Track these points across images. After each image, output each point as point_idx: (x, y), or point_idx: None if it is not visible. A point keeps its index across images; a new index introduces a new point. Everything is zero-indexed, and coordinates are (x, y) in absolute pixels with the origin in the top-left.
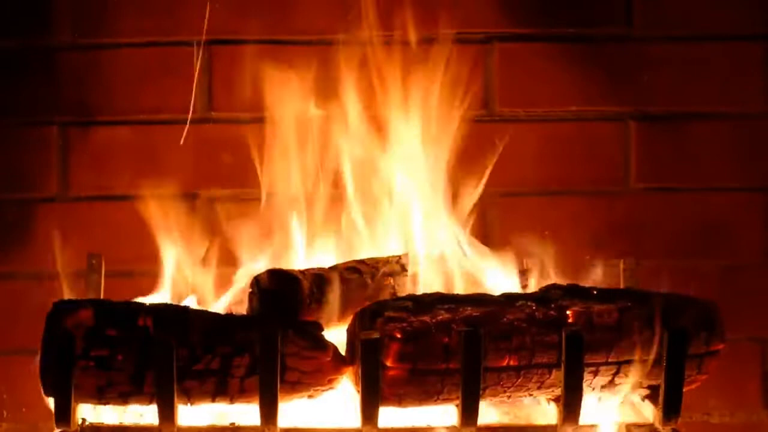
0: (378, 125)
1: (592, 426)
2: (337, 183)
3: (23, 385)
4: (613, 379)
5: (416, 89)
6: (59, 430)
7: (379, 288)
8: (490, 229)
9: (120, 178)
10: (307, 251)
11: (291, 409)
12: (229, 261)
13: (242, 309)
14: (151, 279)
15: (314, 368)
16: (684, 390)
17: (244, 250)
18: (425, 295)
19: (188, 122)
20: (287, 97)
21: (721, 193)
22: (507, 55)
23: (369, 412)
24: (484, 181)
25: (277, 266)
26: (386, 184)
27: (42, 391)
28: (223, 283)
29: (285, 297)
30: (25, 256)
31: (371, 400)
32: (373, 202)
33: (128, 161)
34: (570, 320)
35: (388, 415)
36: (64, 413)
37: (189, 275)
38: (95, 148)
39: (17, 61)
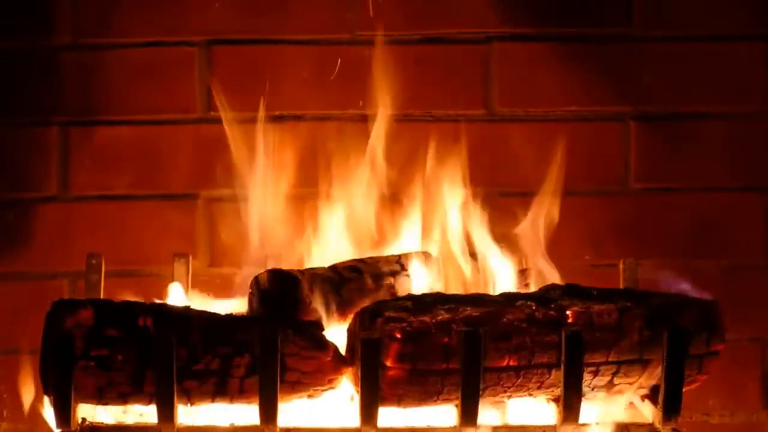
0: (378, 125)
1: (592, 426)
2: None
3: (23, 385)
4: (612, 378)
5: (416, 89)
6: (59, 430)
7: (379, 288)
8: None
9: (120, 178)
10: (312, 251)
11: (291, 409)
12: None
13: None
14: (151, 279)
15: (314, 368)
16: (684, 390)
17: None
18: (425, 295)
19: (189, 122)
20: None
21: (721, 193)
22: (507, 55)
23: (369, 412)
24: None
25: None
26: (386, 184)
27: (41, 391)
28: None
29: (285, 297)
30: (25, 256)
31: (371, 400)
32: (374, 202)
33: (128, 161)
34: (570, 320)
35: (388, 415)
36: (64, 413)
37: None
38: (96, 148)
39: (18, 62)
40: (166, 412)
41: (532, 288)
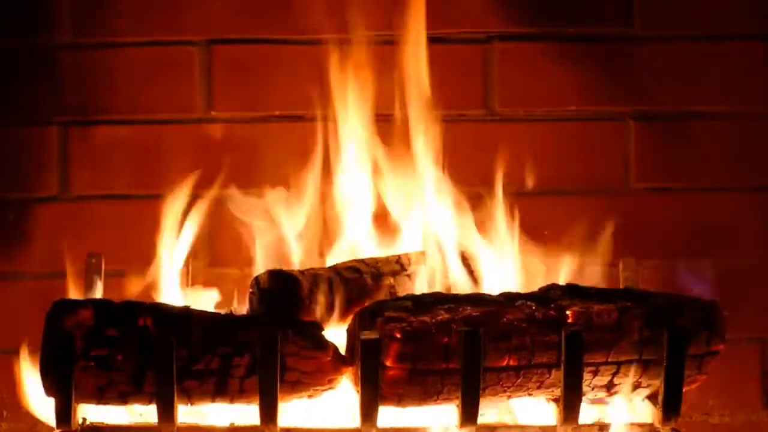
0: (378, 126)
1: (592, 426)
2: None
3: (23, 385)
4: (612, 378)
5: (417, 89)
6: (59, 430)
7: (379, 288)
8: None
9: (120, 178)
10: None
11: (291, 408)
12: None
13: (242, 309)
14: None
15: (314, 368)
16: (684, 390)
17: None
18: (425, 295)
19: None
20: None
21: (721, 193)
22: (507, 55)
23: (369, 412)
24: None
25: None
26: (386, 185)
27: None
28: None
29: (285, 297)
30: (25, 256)
31: (371, 400)
32: (374, 203)
33: (128, 161)
34: (570, 320)
35: (388, 415)
36: (64, 413)
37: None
38: (95, 148)
39: (17, 61)
40: (166, 412)
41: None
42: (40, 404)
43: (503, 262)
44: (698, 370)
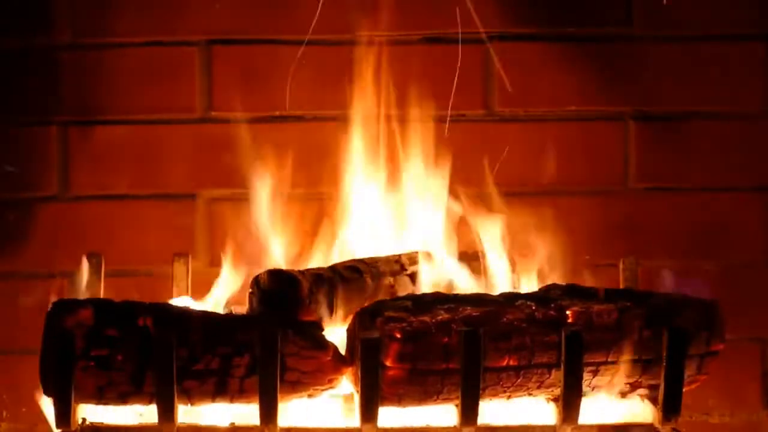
0: (377, 125)
1: (592, 426)
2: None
3: (23, 385)
4: (612, 379)
5: (416, 89)
6: (59, 430)
7: (379, 288)
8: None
9: (120, 178)
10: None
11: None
12: None
13: (242, 309)
14: (151, 279)
15: (314, 368)
16: (684, 390)
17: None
18: (425, 295)
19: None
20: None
21: (721, 193)
22: (507, 55)
23: (369, 412)
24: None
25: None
26: (386, 185)
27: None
28: None
29: (285, 297)
30: (25, 256)
31: (371, 400)
32: (374, 202)
33: (128, 161)
34: (570, 320)
35: (388, 414)
36: (64, 413)
37: None
38: (95, 148)
39: (17, 61)
40: (167, 412)
41: (532, 288)
42: (43, 404)
43: (503, 263)
44: (698, 370)
